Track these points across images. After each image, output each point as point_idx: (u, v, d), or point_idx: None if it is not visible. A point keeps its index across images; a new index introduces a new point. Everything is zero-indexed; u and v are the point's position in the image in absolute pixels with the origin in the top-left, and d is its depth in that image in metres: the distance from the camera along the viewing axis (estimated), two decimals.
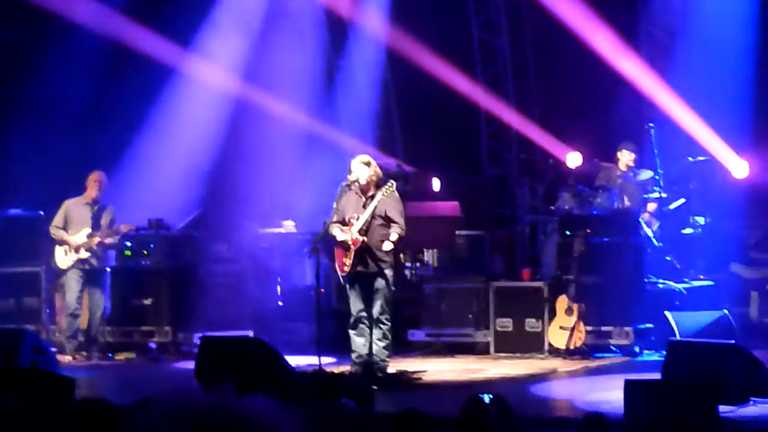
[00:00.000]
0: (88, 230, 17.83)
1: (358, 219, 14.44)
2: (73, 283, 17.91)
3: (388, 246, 14.38)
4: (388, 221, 14.45)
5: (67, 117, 20.11)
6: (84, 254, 17.82)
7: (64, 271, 17.99)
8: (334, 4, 21.61)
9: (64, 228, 17.86)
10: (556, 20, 20.15)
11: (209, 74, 21.16)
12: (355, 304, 14.72)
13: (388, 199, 14.48)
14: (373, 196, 14.50)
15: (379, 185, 14.60)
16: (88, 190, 17.92)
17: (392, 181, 14.83)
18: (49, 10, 19.73)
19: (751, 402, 12.45)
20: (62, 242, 17.86)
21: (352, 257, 14.45)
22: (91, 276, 17.99)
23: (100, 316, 18.09)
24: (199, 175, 20.71)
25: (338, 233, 14.54)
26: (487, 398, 8.64)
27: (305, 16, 21.85)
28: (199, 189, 20.64)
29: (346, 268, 14.54)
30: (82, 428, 6.11)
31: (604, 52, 19.74)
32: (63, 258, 17.89)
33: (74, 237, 17.79)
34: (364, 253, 14.47)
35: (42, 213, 18.64)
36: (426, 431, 7.27)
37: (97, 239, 17.85)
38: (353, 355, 14.84)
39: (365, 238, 14.39)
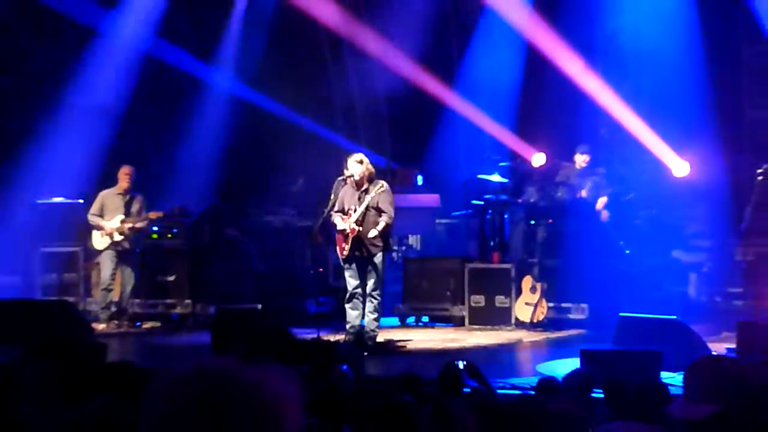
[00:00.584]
0: (121, 217, 17.82)
1: (355, 210, 14.49)
2: (107, 262, 17.91)
3: (373, 233, 14.46)
4: (380, 212, 14.51)
5: (103, 118, 20.09)
6: (117, 237, 17.82)
7: (99, 252, 17.97)
8: (332, 23, 21.52)
9: (100, 215, 17.86)
10: (528, 44, 20.17)
11: (222, 81, 21.14)
12: (351, 282, 14.76)
13: (380, 194, 14.52)
14: (366, 190, 14.55)
15: (371, 180, 14.66)
16: (119, 182, 17.93)
17: (383, 182, 14.85)
18: (90, 27, 19.72)
19: None
20: (99, 227, 17.85)
21: (349, 243, 14.52)
22: (122, 256, 17.98)
23: (130, 291, 18.07)
24: (215, 169, 20.72)
25: (339, 222, 14.65)
26: (461, 364, 8.64)
27: (308, 32, 21.79)
28: (215, 181, 20.65)
29: (345, 253, 14.62)
30: (112, 388, 6.08)
31: (566, 68, 19.72)
32: (99, 240, 17.89)
33: (109, 223, 17.78)
34: (360, 240, 14.53)
35: (81, 201, 18.61)
36: (416, 390, 7.26)
37: (128, 225, 17.84)
38: (347, 326, 14.86)
39: (360, 228, 14.48)
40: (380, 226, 14.50)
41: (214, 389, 2.44)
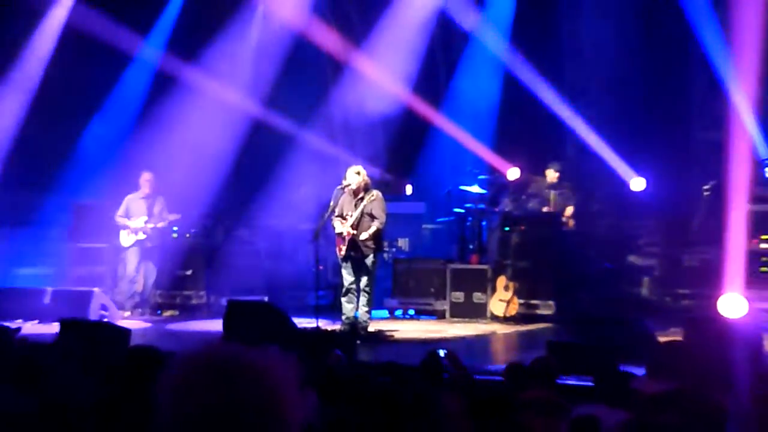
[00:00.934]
0: (145, 218, 17.88)
1: (352, 216, 14.53)
2: (132, 257, 17.96)
3: (364, 235, 14.53)
4: (372, 218, 14.57)
5: (128, 128, 20.17)
6: (141, 236, 17.86)
7: (125, 249, 18.03)
8: (335, 50, 21.57)
9: (126, 216, 17.90)
10: (505, 71, 20.20)
11: (235, 97, 21.15)
12: (347, 278, 14.81)
13: (372, 202, 14.57)
14: (362, 198, 14.60)
15: (366, 189, 14.71)
16: (141, 187, 18.02)
17: (376, 191, 14.88)
18: (112, 47, 19.75)
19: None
20: (124, 227, 17.89)
21: (346, 245, 14.57)
22: (146, 252, 18.02)
23: (152, 283, 18.10)
24: (230, 178, 20.75)
25: (337, 226, 14.73)
26: (441, 352, 8.66)
27: (309, 57, 21.83)
28: (229, 188, 20.68)
29: (342, 252, 14.66)
30: (136, 369, 6.11)
31: (539, 92, 19.77)
32: (125, 238, 17.95)
33: (133, 223, 17.83)
34: (355, 242, 14.57)
35: (109, 202, 18.64)
36: (398, 377, 7.28)
37: (151, 225, 17.89)
38: (343, 317, 14.89)
39: (356, 232, 14.55)
40: (371, 230, 14.56)
41: (222, 369, 2.48)
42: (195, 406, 2.44)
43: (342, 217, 14.72)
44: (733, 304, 12.25)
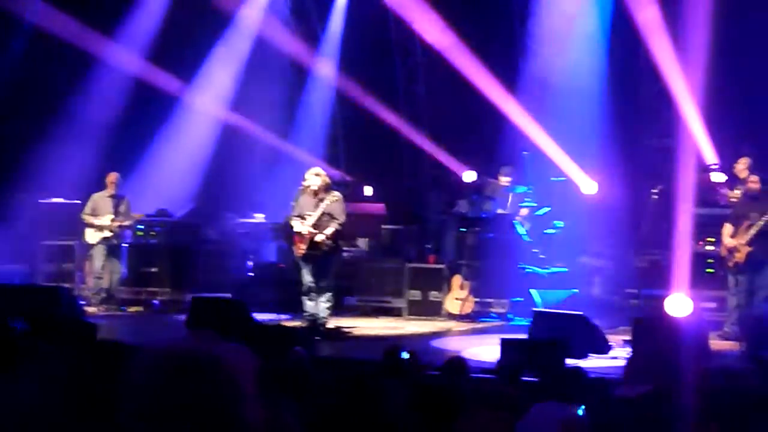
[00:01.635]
0: (111, 216, 17.81)
1: (312, 216, 14.54)
2: (98, 254, 17.89)
3: (320, 237, 14.53)
4: (332, 218, 14.59)
5: (96, 131, 20.07)
6: (107, 234, 17.80)
7: (92, 246, 17.95)
8: (297, 55, 21.60)
9: (92, 214, 17.85)
10: (462, 75, 20.25)
11: (203, 102, 21.13)
12: (307, 277, 14.80)
13: (334, 203, 14.59)
14: (322, 199, 14.62)
15: (327, 190, 14.74)
16: (108, 187, 17.97)
17: (338, 192, 14.94)
18: (83, 50, 19.68)
19: (590, 357, 12.60)
20: (91, 225, 17.85)
21: (306, 244, 14.56)
22: (111, 249, 17.96)
23: (118, 279, 18.05)
24: (193, 178, 20.72)
25: (297, 225, 14.69)
26: (405, 354, 8.69)
27: (275, 63, 21.85)
28: (193, 188, 20.66)
29: (301, 251, 14.65)
30: (102, 363, 6.09)
31: (494, 98, 19.84)
32: (91, 236, 17.88)
33: (100, 221, 17.78)
34: (314, 241, 14.57)
35: (78, 201, 18.58)
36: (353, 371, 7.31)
37: (116, 223, 17.83)
38: (304, 314, 14.89)
39: (316, 231, 14.53)
40: (329, 231, 14.58)
41: (182, 363, 2.50)
42: (156, 399, 2.46)
43: (301, 217, 14.72)
44: (679, 303, 12.36)
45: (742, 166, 15.96)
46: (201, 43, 21.45)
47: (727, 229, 14.48)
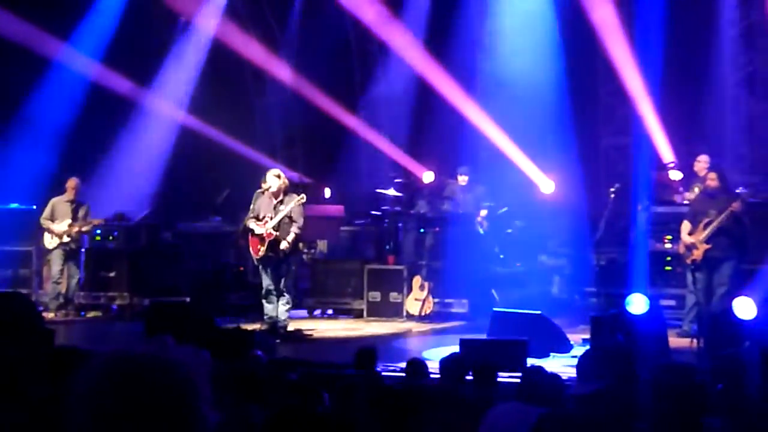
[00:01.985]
0: (69, 221, 17.71)
1: (272, 218, 14.53)
2: (56, 259, 17.78)
3: (284, 245, 14.54)
4: (292, 220, 14.58)
5: (54, 136, 19.96)
6: (65, 239, 17.70)
7: (50, 251, 17.85)
8: (255, 59, 21.56)
9: (51, 219, 17.75)
10: (419, 77, 20.29)
11: (160, 105, 21.05)
12: (266, 280, 14.78)
13: (296, 207, 14.60)
14: (282, 201, 14.61)
15: (286, 192, 14.73)
16: (67, 192, 17.86)
17: (303, 195, 14.97)
18: (40, 55, 19.56)
19: (551, 356, 12.64)
20: (49, 230, 17.75)
21: (265, 246, 14.54)
22: (69, 254, 17.85)
23: (75, 284, 17.95)
24: (151, 181, 20.65)
25: (256, 227, 14.64)
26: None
27: (233, 66, 21.80)
28: (153, 192, 20.60)
29: (260, 254, 14.63)
30: (59, 369, 6.05)
31: (453, 100, 19.89)
32: (49, 241, 17.77)
33: (58, 226, 17.67)
34: (274, 243, 14.55)
35: (35, 207, 18.46)
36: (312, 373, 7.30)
37: (75, 228, 17.74)
38: (265, 317, 14.86)
39: (278, 233, 14.51)
40: (290, 237, 14.58)
41: (133, 367, 2.49)
42: (106, 406, 2.44)
43: (258, 219, 14.69)
44: (638, 301, 12.41)
45: (701, 164, 16.08)
46: (158, 46, 21.38)
47: (686, 226, 14.55)
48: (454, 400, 6.83)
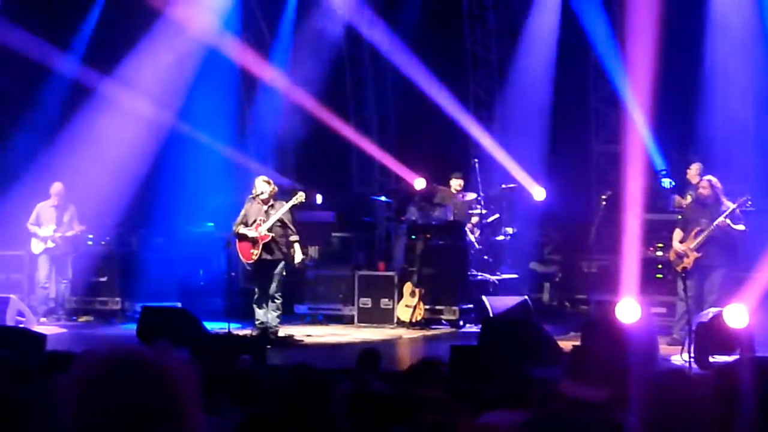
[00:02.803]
0: (54, 226, 17.82)
1: (264, 222, 14.56)
2: (43, 264, 17.89)
3: (299, 257, 14.83)
4: (284, 224, 14.59)
5: (42, 143, 19.96)
6: (50, 244, 17.78)
7: (36, 256, 17.94)
8: (247, 65, 21.54)
9: (37, 224, 17.81)
10: (409, 82, 20.29)
11: (155, 112, 20.96)
12: (257, 285, 14.79)
13: (287, 213, 14.65)
14: (272, 206, 14.65)
15: (276, 197, 14.78)
16: (52, 197, 17.92)
17: (302, 192, 15.03)
18: (28, 59, 19.47)
19: (541, 364, 12.60)
20: (35, 235, 17.81)
21: (259, 249, 14.55)
22: (57, 259, 17.94)
23: (64, 289, 17.97)
24: (147, 188, 20.59)
25: (247, 231, 14.66)
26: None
27: (226, 72, 21.78)
28: (146, 198, 20.54)
29: (253, 258, 14.65)
30: (51, 373, 6.05)
31: (445, 106, 19.90)
32: (36, 246, 17.89)
33: (42, 231, 17.76)
34: (269, 245, 14.57)
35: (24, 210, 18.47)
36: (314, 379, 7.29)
37: (59, 234, 17.80)
38: (256, 322, 14.87)
39: (273, 235, 14.51)
40: (298, 249, 14.78)
41: (123, 369, 2.49)
42: (96, 405, 2.44)
43: (247, 224, 14.73)
44: (628, 309, 12.42)
45: (693, 171, 16.13)
46: (139, 48, 21.25)
47: (677, 234, 14.57)
48: (439, 405, 6.82)
